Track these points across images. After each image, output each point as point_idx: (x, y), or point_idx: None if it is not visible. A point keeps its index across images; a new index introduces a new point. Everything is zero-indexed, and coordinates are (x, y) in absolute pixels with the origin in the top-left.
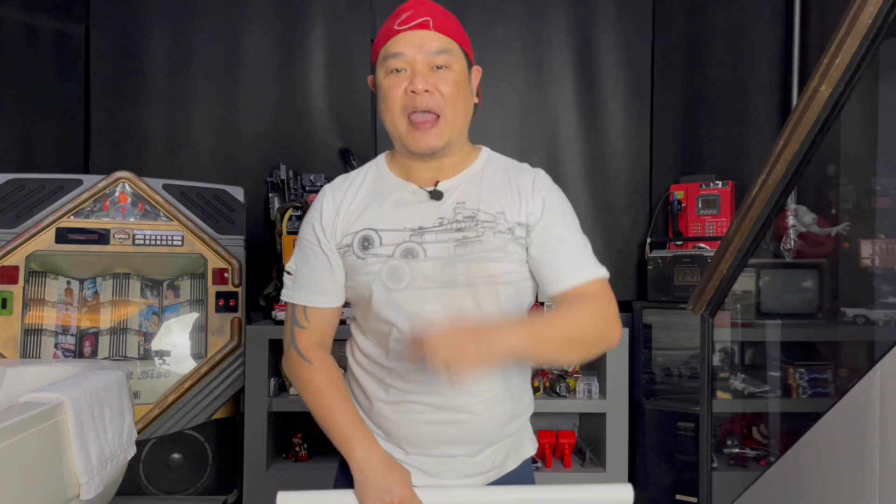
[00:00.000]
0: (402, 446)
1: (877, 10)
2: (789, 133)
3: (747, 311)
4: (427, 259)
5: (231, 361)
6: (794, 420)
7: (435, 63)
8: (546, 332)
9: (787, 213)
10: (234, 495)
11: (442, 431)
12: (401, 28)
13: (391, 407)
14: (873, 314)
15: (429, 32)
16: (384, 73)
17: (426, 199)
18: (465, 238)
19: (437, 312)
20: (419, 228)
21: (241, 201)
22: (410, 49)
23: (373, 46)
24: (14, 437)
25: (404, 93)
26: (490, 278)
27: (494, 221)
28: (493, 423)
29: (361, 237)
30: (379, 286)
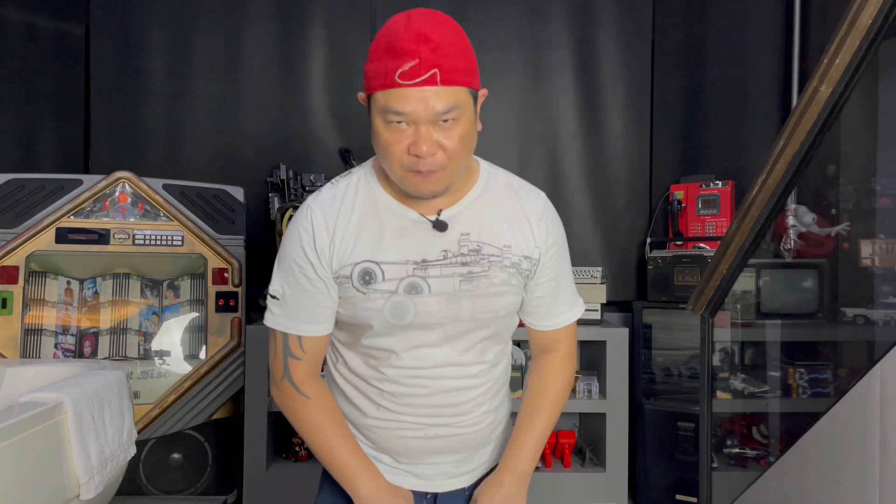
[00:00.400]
0: (393, 456)
1: (877, 10)
2: (789, 133)
3: (747, 311)
4: (432, 294)
5: (231, 361)
6: (794, 420)
7: (444, 118)
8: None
9: (787, 213)
10: (234, 495)
11: (433, 445)
12: (403, 83)
13: (381, 423)
14: (873, 314)
15: (435, 89)
16: (382, 122)
17: (428, 228)
18: (471, 273)
19: (440, 348)
20: (422, 261)
21: (241, 201)
22: (414, 108)
23: (366, 71)
24: (14, 437)
25: (406, 151)
26: (493, 313)
27: (500, 256)
28: (483, 433)
29: (362, 270)
30: (381, 321)
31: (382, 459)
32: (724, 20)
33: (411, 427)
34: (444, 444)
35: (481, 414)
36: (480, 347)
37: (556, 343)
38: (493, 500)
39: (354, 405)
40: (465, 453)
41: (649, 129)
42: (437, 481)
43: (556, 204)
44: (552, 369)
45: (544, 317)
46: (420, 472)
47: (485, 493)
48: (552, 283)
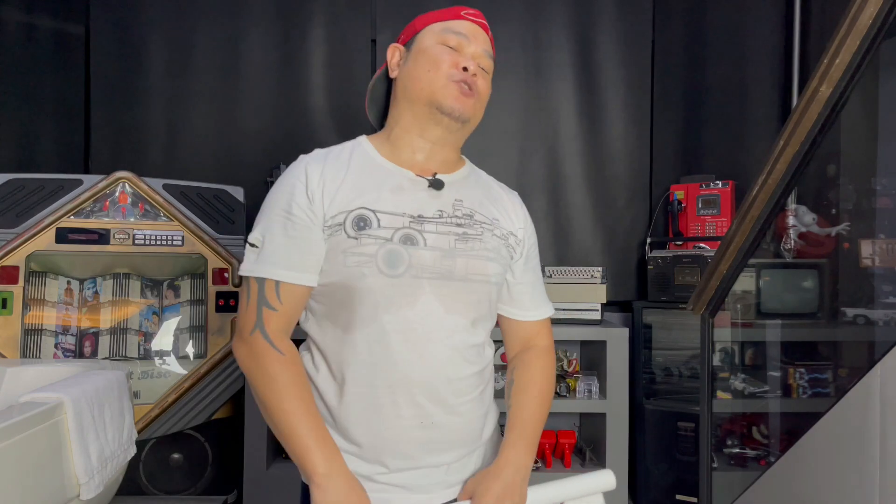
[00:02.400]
0: (385, 462)
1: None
2: (789, 133)
3: (747, 311)
4: (427, 248)
5: (231, 361)
6: (794, 420)
7: (482, 62)
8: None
9: (787, 213)
10: (234, 495)
11: (428, 436)
12: (467, 17)
13: (376, 415)
14: (873, 314)
15: (485, 35)
16: (437, 41)
17: (424, 187)
18: (466, 234)
19: (432, 305)
20: (419, 216)
21: (241, 201)
22: (472, 36)
23: (418, 19)
24: (14, 437)
25: (455, 65)
26: (485, 276)
27: (491, 225)
28: (475, 426)
29: (356, 216)
30: (373, 269)
31: (375, 473)
32: (724, 20)
33: (406, 413)
34: (442, 434)
35: (473, 400)
36: (472, 315)
37: (538, 336)
38: (489, 491)
39: (338, 405)
40: (459, 451)
41: (649, 129)
42: (434, 493)
43: (556, 204)
44: (536, 361)
45: (529, 306)
46: (415, 483)
47: (482, 483)
48: (532, 273)
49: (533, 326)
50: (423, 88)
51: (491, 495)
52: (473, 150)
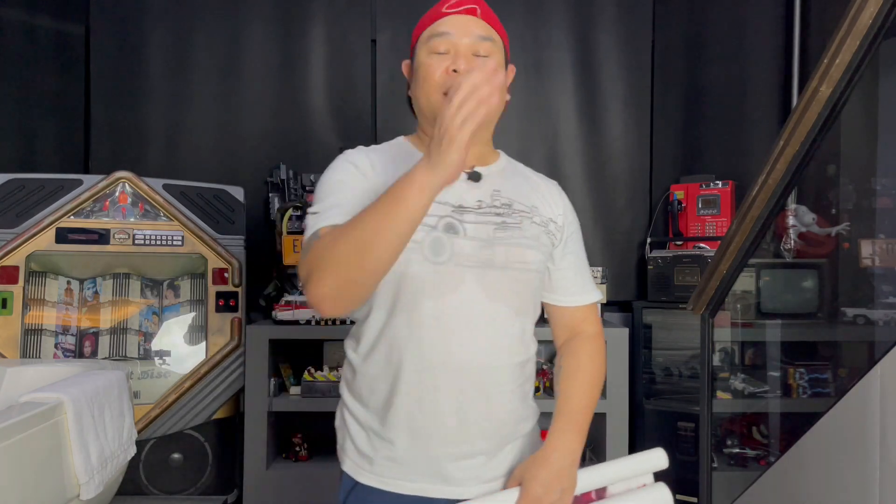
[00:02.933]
0: (424, 448)
1: (877, 10)
2: (789, 133)
3: (747, 311)
4: (467, 238)
5: (231, 361)
6: (794, 420)
7: (478, 50)
8: (583, 410)
9: (787, 213)
10: (234, 495)
11: (466, 425)
12: (449, 11)
13: (416, 401)
14: (873, 314)
15: (475, 19)
16: (426, 53)
17: (463, 179)
18: (505, 223)
19: (474, 293)
20: (459, 206)
21: (241, 201)
22: (456, 31)
23: (414, 30)
24: (14, 437)
25: (445, 71)
26: (525, 264)
27: (530, 213)
28: (512, 417)
29: None
30: (419, 256)
31: (408, 461)
32: (724, 20)
33: (445, 397)
34: (478, 422)
35: (512, 391)
36: (515, 304)
37: (585, 322)
38: (537, 477)
39: (381, 389)
40: (495, 441)
41: (649, 129)
42: (468, 486)
43: None
44: (584, 347)
45: (574, 292)
46: (452, 475)
47: (530, 469)
48: (575, 258)
49: (578, 312)
50: (425, 106)
51: (539, 481)
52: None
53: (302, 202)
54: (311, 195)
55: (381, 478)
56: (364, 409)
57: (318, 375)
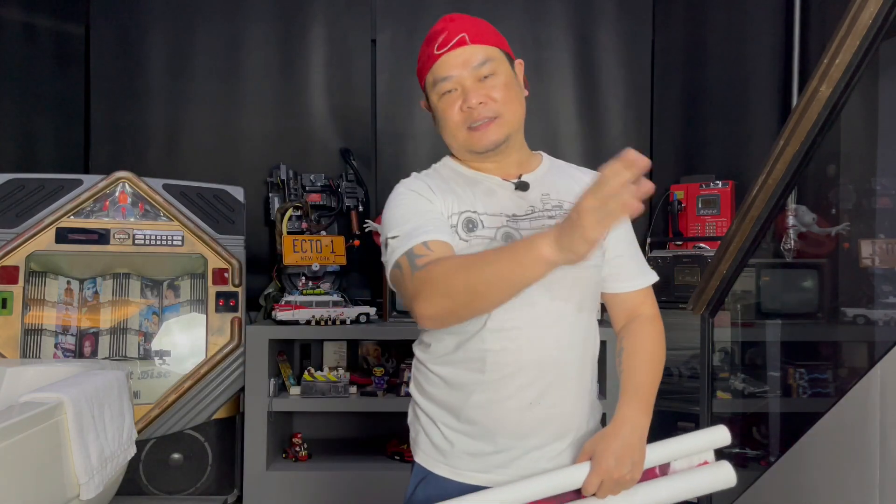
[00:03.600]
0: (494, 440)
1: (877, 10)
2: (789, 133)
3: (747, 311)
4: None
5: (231, 361)
6: (794, 420)
7: (481, 74)
8: (647, 387)
9: (787, 213)
10: (234, 495)
11: (536, 417)
12: (441, 52)
13: (486, 395)
14: (873, 314)
15: (468, 48)
16: (437, 97)
17: (511, 190)
18: None
19: (536, 293)
20: (513, 216)
21: (241, 201)
22: (455, 69)
23: (417, 72)
24: (14, 437)
25: (460, 110)
26: (583, 262)
27: None
28: (579, 413)
29: (466, 219)
30: None
31: (483, 453)
32: (724, 20)
33: (516, 394)
34: (547, 415)
35: (578, 390)
36: (576, 301)
37: (643, 306)
38: (608, 450)
39: (455, 387)
40: (564, 440)
41: (649, 129)
42: None
43: None
44: (644, 329)
45: (626, 277)
46: (519, 468)
47: (600, 443)
48: (627, 244)
49: (635, 297)
50: (455, 145)
51: (611, 454)
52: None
53: (302, 202)
54: (312, 195)
55: (455, 469)
56: (436, 406)
57: (318, 375)
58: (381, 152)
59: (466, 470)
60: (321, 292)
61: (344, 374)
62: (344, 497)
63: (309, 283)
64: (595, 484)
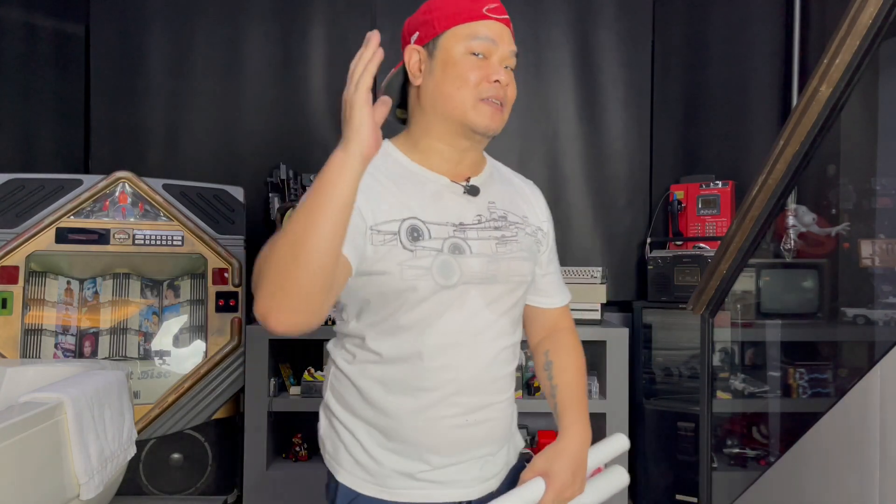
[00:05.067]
0: (428, 458)
1: (877, 10)
2: (789, 133)
3: (747, 311)
4: (473, 255)
5: (231, 361)
6: (794, 420)
7: (508, 63)
8: (585, 400)
9: (787, 213)
10: (234, 495)
11: (472, 434)
12: (490, 15)
13: (421, 414)
14: (873, 314)
15: (509, 31)
16: (463, 51)
17: (460, 193)
18: (504, 237)
19: (479, 307)
20: (460, 224)
21: (241, 201)
22: (498, 39)
23: (432, 16)
24: (14, 437)
25: (485, 79)
26: (522, 277)
27: (523, 223)
28: (508, 420)
29: (410, 226)
30: (429, 281)
31: (415, 471)
32: (724, 20)
33: (453, 412)
34: (482, 430)
35: (508, 398)
36: (514, 316)
37: (563, 319)
38: (566, 469)
39: (386, 409)
40: (494, 446)
41: (649, 129)
42: (471, 487)
43: (557, 204)
44: (567, 341)
45: (555, 293)
46: (454, 479)
47: (555, 462)
48: (555, 262)
49: (557, 312)
50: (456, 107)
51: (567, 470)
52: None
53: None
54: None
55: (387, 489)
56: (361, 422)
57: (318, 375)
58: None
59: (400, 489)
60: None
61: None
62: None
63: None
64: (551, 500)
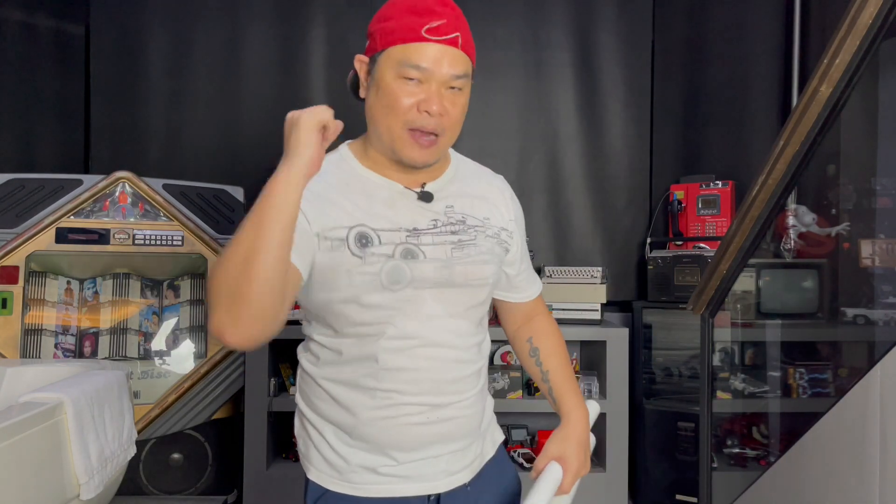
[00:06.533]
0: (392, 454)
1: (877, 10)
2: (789, 133)
3: (747, 311)
4: (427, 261)
5: (231, 361)
6: (794, 420)
7: (452, 84)
8: (574, 378)
9: (787, 213)
10: (234, 495)
11: (436, 431)
12: (429, 37)
13: (381, 412)
14: (873, 314)
15: (455, 51)
16: (394, 76)
17: (414, 199)
18: (461, 241)
19: (435, 311)
20: (414, 230)
21: (241, 201)
22: (434, 65)
23: (376, 28)
24: (14, 437)
25: (415, 108)
26: (483, 279)
27: (483, 226)
28: (477, 417)
29: (358, 234)
30: (377, 286)
31: (380, 466)
32: (724, 20)
33: (413, 412)
34: (446, 428)
35: (474, 396)
36: (474, 317)
37: (537, 308)
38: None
39: (346, 405)
40: (462, 442)
41: (649, 129)
42: (438, 480)
43: (557, 204)
44: (547, 326)
45: (526, 287)
46: (421, 473)
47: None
48: (522, 258)
49: (532, 303)
50: (384, 134)
51: (581, 452)
52: (474, 150)
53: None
54: None
55: (352, 484)
56: (325, 422)
57: None
58: None
59: (365, 484)
60: None
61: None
62: None
63: None
64: (570, 482)
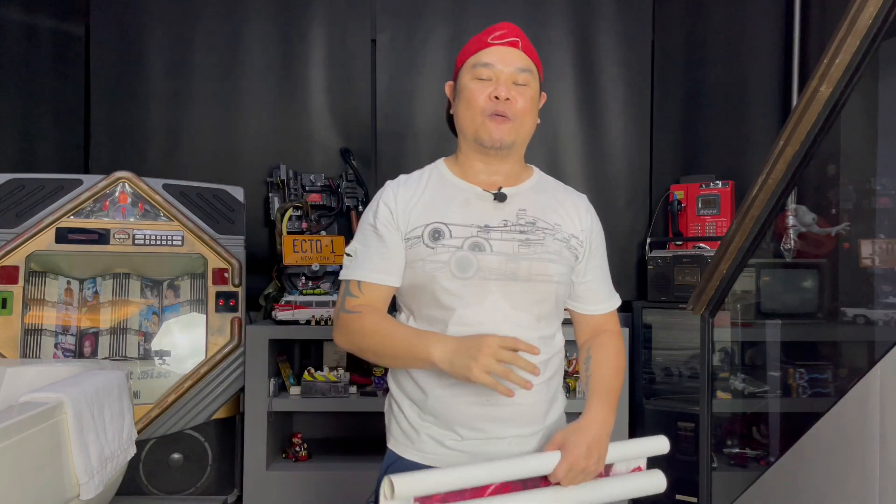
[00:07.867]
0: (457, 430)
1: (877, 10)
2: (789, 133)
3: (747, 311)
4: (493, 253)
5: (231, 361)
6: (794, 420)
7: (517, 80)
8: (615, 391)
9: (787, 213)
10: (234, 495)
11: (495, 415)
12: (494, 42)
13: (446, 391)
14: (873, 314)
15: (517, 51)
16: (470, 78)
17: (490, 200)
18: (529, 240)
19: (498, 302)
20: (485, 226)
21: (241, 201)
22: (500, 62)
23: (459, 56)
24: (14, 437)
25: (488, 97)
26: (547, 277)
27: (553, 230)
28: (539, 406)
29: (432, 229)
30: (446, 273)
31: (446, 439)
32: (724, 20)
33: (474, 392)
34: (505, 412)
35: (537, 386)
36: (536, 312)
37: (606, 324)
38: (580, 444)
39: (419, 382)
40: (525, 429)
41: (649, 129)
42: None
43: None
44: (609, 342)
45: (597, 300)
46: (484, 451)
47: (572, 437)
48: (599, 271)
49: (600, 318)
50: (468, 127)
51: (582, 445)
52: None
53: (301, 202)
54: (312, 195)
55: (422, 453)
56: (405, 396)
57: (318, 375)
58: (381, 152)
59: (433, 454)
60: (321, 292)
61: (344, 373)
62: (344, 497)
63: (309, 283)
64: (564, 471)
